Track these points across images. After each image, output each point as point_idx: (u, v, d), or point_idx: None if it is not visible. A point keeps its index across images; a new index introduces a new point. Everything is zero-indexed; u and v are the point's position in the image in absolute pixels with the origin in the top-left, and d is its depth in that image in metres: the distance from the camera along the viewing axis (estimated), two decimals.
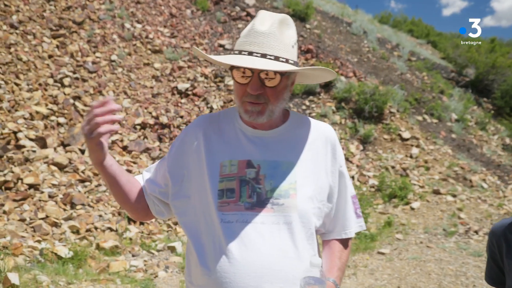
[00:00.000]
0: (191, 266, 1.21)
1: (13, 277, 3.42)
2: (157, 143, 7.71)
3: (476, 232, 5.81)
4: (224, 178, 1.17)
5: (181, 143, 1.28)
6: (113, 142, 7.29)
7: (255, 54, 1.10)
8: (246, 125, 1.24)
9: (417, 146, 8.37)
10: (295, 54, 1.18)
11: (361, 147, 8.31)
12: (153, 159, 7.29)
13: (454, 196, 6.99)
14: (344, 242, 1.31)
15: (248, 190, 1.15)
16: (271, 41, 1.12)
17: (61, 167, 6.30)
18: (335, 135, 1.30)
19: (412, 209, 6.61)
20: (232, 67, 1.14)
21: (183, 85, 9.08)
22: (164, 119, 8.09)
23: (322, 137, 1.27)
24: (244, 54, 1.11)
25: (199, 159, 1.22)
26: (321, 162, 1.24)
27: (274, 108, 1.17)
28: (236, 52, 1.13)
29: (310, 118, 1.32)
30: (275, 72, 1.11)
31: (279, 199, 1.15)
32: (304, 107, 9.32)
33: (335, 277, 1.21)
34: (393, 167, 7.79)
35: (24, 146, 6.32)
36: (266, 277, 1.09)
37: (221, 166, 1.18)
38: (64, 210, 5.58)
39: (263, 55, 1.10)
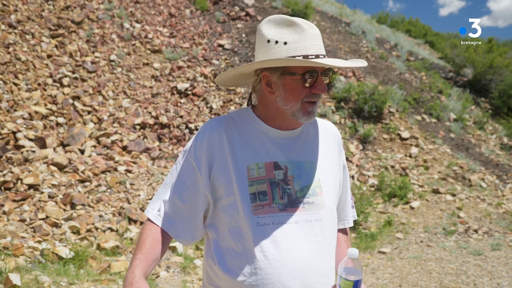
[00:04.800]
0: (215, 269, 1.19)
1: (15, 278, 3.40)
2: (157, 143, 7.70)
3: (476, 231, 5.83)
4: (253, 182, 1.16)
5: (206, 151, 1.20)
6: (113, 142, 7.27)
7: (321, 56, 1.14)
8: (271, 127, 1.22)
9: (417, 145, 8.40)
10: None
11: (360, 147, 8.33)
12: (153, 159, 7.27)
13: (453, 195, 7.01)
14: (345, 231, 1.41)
15: (279, 192, 1.17)
16: (322, 42, 1.18)
17: (60, 167, 6.28)
18: (338, 131, 1.39)
19: (412, 208, 6.62)
20: (305, 72, 1.12)
21: (182, 85, 9.07)
22: (163, 119, 8.07)
23: (331, 135, 1.34)
24: (312, 58, 1.11)
25: (225, 164, 1.18)
26: (334, 159, 1.31)
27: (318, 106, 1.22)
28: (301, 57, 1.11)
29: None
30: (332, 71, 1.18)
31: (309, 197, 1.19)
32: None
33: None
34: (392, 167, 7.81)
35: (23, 146, 6.30)
36: (308, 273, 1.14)
37: (248, 169, 1.17)
38: (64, 210, 5.57)
39: (324, 56, 1.15)
